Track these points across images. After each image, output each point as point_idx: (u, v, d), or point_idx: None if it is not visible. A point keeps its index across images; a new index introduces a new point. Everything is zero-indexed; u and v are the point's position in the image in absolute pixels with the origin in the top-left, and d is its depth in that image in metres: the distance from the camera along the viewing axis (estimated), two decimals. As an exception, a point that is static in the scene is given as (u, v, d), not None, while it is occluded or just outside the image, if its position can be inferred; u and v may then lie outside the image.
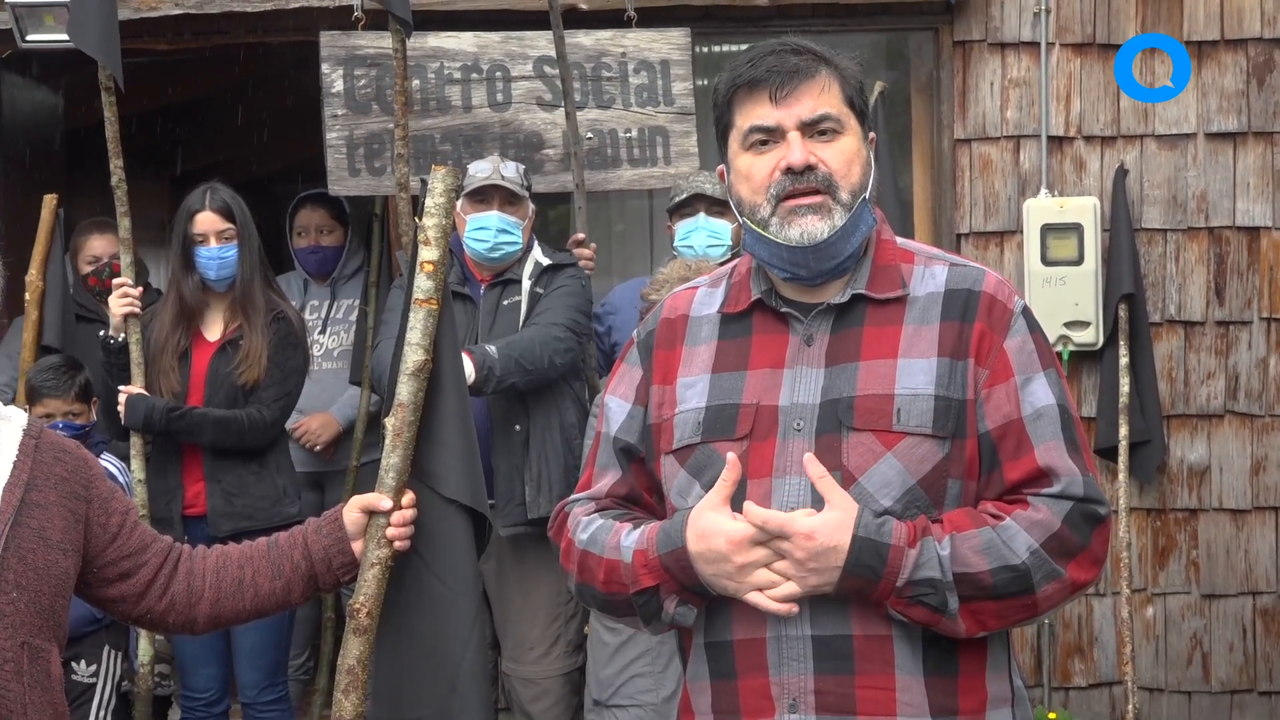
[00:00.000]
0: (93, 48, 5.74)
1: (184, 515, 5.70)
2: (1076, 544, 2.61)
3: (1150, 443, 6.67)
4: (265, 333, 5.77)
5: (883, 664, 2.63)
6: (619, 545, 2.77)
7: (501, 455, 5.58)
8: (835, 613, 2.63)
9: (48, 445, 3.14)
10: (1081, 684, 6.89)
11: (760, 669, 2.68)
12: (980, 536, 2.58)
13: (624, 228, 7.57)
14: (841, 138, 2.74)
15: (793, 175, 2.70)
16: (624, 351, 3.02)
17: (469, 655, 3.46)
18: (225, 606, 3.33)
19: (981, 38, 6.92)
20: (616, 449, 2.93)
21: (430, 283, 3.41)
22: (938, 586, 2.56)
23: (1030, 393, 2.67)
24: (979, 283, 2.75)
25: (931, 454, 2.65)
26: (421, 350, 3.40)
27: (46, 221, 6.20)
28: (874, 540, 2.55)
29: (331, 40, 6.55)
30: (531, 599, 5.66)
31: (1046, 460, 2.64)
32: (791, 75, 2.71)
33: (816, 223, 2.68)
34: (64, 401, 5.88)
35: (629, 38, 6.61)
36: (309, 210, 7.21)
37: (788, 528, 2.56)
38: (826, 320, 2.75)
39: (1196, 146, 6.83)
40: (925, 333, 2.71)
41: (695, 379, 2.82)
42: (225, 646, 5.90)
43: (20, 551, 2.96)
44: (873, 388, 2.67)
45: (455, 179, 3.45)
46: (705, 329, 2.87)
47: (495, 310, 5.72)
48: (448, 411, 3.47)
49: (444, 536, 3.47)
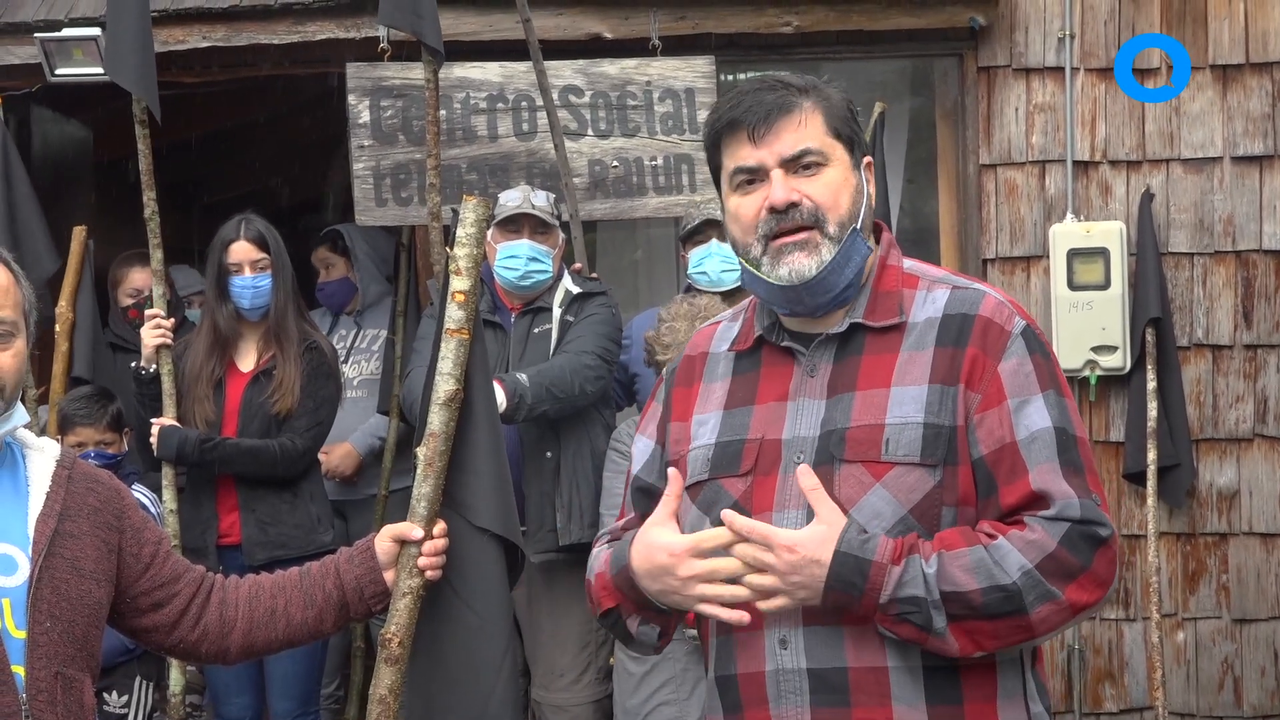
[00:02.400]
0: (130, 82, 5.80)
1: (218, 545, 5.73)
2: (1076, 565, 2.57)
3: (1179, 467, 6.65)
4: (298, 362, 5.81)
5: (879, 696, 2.61)
6: (591, 568, 2.84)
7: (532, 482, 5.60)
8: (830, 645, 2.63)
9: (80, 476, 3.14)
10: (1113, 710, 6.86)
11: (761, 703, 2.68)
12: (970, 555, 2.56)
13: (649, 255, 7.62)
14: (826, 170, 2.73)
15: (777, 214, 2.70)
16: (655, 389, 3.06)
17: (500, 685, 3.47)
18: (258, 636, 3.34)
19: (1006, 63, 6.93)
20: (634, 489, 2.98)
21: (462, 312, 3.41)
22: (921, 605, 2.54)
23: (1025, 416, 2.64)
24: (975, 306, 2.72)
25: (922, 482, 2.63)
26: (453, 380, 3.40)
27: (76, 253, 6.25)
28: (856, 556, 2.54)
29: (358, 71, 6.62)
30: (562, 626, 5.67)
31: (1040, 484, 2.60)
32: (769, 113, 2.71)
33: (804, 259, 2.69)
34: (96, 430, 5.94)
35: (654, 66, 6.67)
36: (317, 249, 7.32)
37: (770, 539, 2.56)
38: (829, 350, 2.76)
39: (1223, 170, 6.82)
40: (919, 359, 2.69)
41: (709, 415, 2.83)
42: (258, 675, 5.92)
43: (54, 582, 2.96)
44: (865, 418, 2.66)
45: (486, 209, 3.46)
46: (721, 365, 2.89)
47: (526, 338, 5.74)
48: (480, 440, 3.47)
49: (476, 565, 3.46)
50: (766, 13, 6.81)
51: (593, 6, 6.82)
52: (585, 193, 6.50)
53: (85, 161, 8.69)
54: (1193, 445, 6.76)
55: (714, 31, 6.86)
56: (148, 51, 5.86)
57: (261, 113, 9.97)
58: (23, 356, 3.04)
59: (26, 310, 3.07)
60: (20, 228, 6.41)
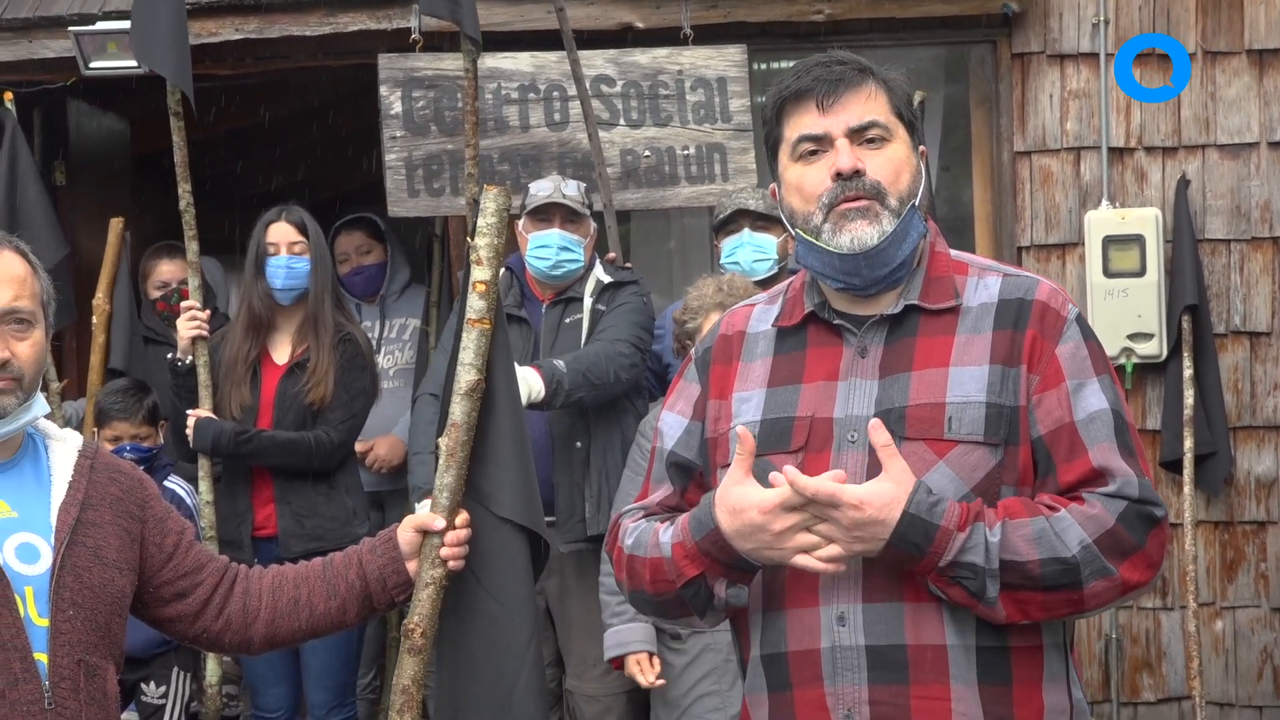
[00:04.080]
0: (165, 67, 5.83)
1: (254, 537, 5.76)
2: (1131, 544, 2.58)
3: (1216, 455, 6.62)
4: (333, 354, 5.81)
5: (937, 674, 2.61)
6: (658, 543, 2.77)
7: (562, 472, 5.60)
8: (889, 623, 2.62)
9: (103, 466, 3.16)
10: (1150, 699, 6.84)
11: (815, 680, 2.67)
12: (1033, 525, 2.56)
13: (683, 245, 7.62)
14: (889, 145, 2.75)
15: (842, 181, 2.69)
16: (682, 368, 3.02)
17: (525, 673, 3.45)
18: (281, 626, 3.34)
19: (1040, 49, 6.91)
20: (669, 464, 2.93)
21: (483, 302, 3.39)
22: (978, 572, 2.54)
23: (1083, 397, 2.65)
24: (1032, 291, 2.74)
25: (984, 461, 2.64)
26: (474, 370, 3.38)
27: (113, 245, 6.27)
28: (923, 519, 2.53)
29: (390, 62, 6.63)
30: (594, 616, 5.62)
31: (1101, 461, 2.62)
32: (838, 83, 2.72)
33: (866, 227, 2.68)
34: (132, 424, 5.97)
35: (686, 55, 6.67)
36: (345, 236, 7.24)
37: (838, 497, 2.52)
38: (880, 332, 2.75)
39: (1260, 156, 6.79)
40: (978, 342, 2.70)
41: (751, 393, 2.81)
42: (294, 666, 5.95)
43: (76, 570, 2.98)
44: (925, 397, 2.66)
45: (507, 199, 3.42)
46: (761, 344, 2.87)
47: (557, 328, 5.73)
48: (502, 430, 3.45)
49: (499, 556, 3.45)
50: (798, 2, 6.80)
51: (625, -4, 6.83)
52: (618, 182, 6.50)
53: (123, 155, 8.74)
54: (1230, 433, 6.73)
55: (746, 20, 6.85)
56: (182, 39, 5.87)
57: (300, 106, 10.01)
58: (41, 346, 3.06)
59: (45, 301, 3.09)
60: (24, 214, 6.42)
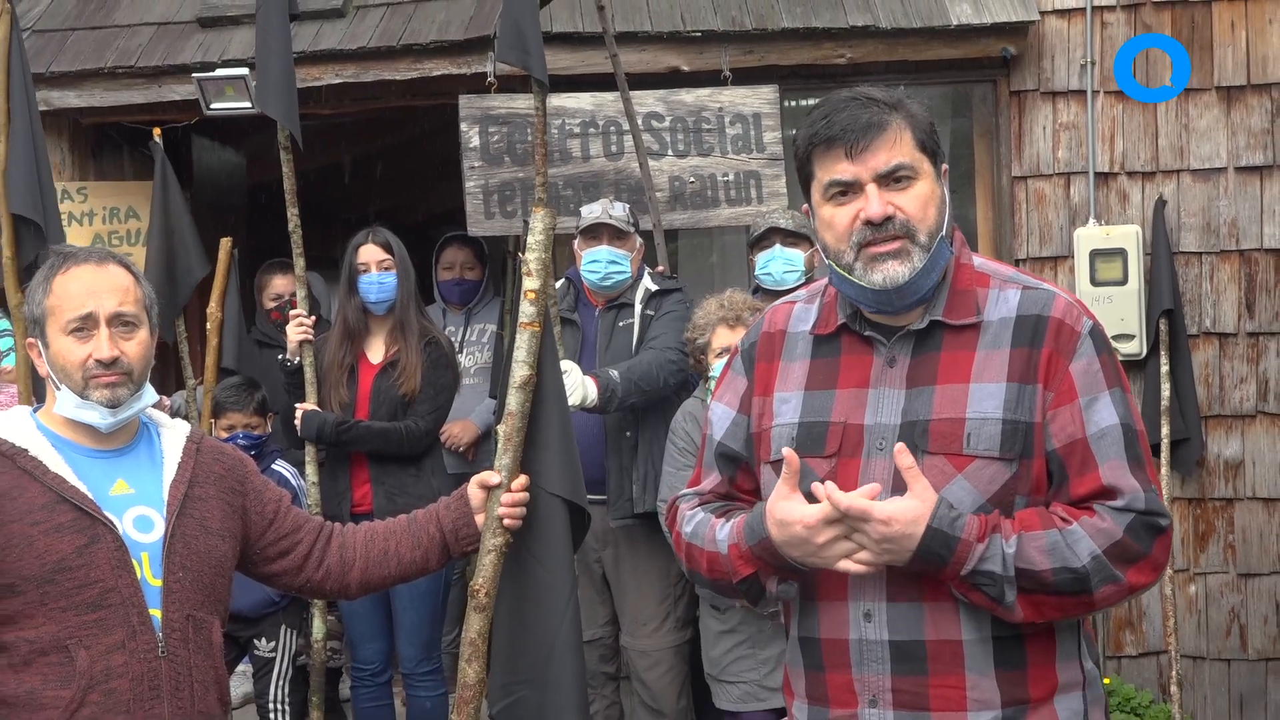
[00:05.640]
0: (276, 113, 5.83)
1: (352, 513, 5.74)
2: (1138, 552, 2.49)
3: (1190, 440, 6.59)
4: (420, 353, 5.81)
5: (954, 665, 2.55)
6: (715, 539, 2.71)
7: (613, 458, 5.61)
8: (911, 620, 2.56)
9: (208, 449, 3.24)
10: (1132, 653, 6.80)
11: (844, 666, 2.62)
12: (1046, 538, 2.46)
13: (723, 259, 7.59)
14: (916, 183, 2.59)
15: (872, 226, 2.56)
16: (730, 359, 2.92)
17: (564, 628, 3.48)
18: (374, 574, 3.42)
19: (1035, 87, 6.88)
20: (718, 454, 2.85)
21: (533, 308, 3.43)
22: (996, 580, 2.45)
23: (1095, 412, 2.53)
24: (1048, 307, 2.59)
25: (999, 474, 2.53)
26: (527, 366, 3.43)
27: (223, 262, 6.31)
28: (946, 533, 2.44)
29: (469, 102, 6.64)
30: (644, 581, 5.65)
31: (1110, 479, 2.50)
32: (865, 131, 2.56)
33: (897, 267, 2.56)
34: (244, 415, 6.00)
35: (725, 94, 6.65)
36: (455, 249, 7.23)
37: (869, 513, 2.43)
38: (907, 344, 2.63)
39: (1227, 179, 6.73)
40: (996, 358, 2.57)
41: (790, 394, 2.72)
42: (388, 625, 5.95)
43: (185, 538, 3.05)
44: (946, 412, 2.55)
45: (552, 219, 3.48)
46: (800, 346, 2.76)
47: (611, 331, 5.75)
48: (550, 418, 3.49)
49: (546, 525, 3.49)
50: (823, 47, 6.78)
51: (671, 43, 6.80)
52: (666, 205, 6.48)
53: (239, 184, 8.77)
54: (1202, 421, 6.70)
55: (777, 63, 6.83)
56: (291, 87, 5.87)
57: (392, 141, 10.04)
58: (146, 344, 3.12)
59: (147, 305, 3.14)
60: (177, 240, 6.47)
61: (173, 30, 7.34)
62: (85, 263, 3.08)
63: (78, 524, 2.93)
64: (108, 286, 3.06)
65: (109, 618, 2.91)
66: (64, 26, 7.45)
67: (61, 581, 2.89)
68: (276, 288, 7.22)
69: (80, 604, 2.90)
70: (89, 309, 3.03)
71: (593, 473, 5.59)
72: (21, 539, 2.89)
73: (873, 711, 2.59)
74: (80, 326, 3.03)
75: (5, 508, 2.91)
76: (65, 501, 2.95)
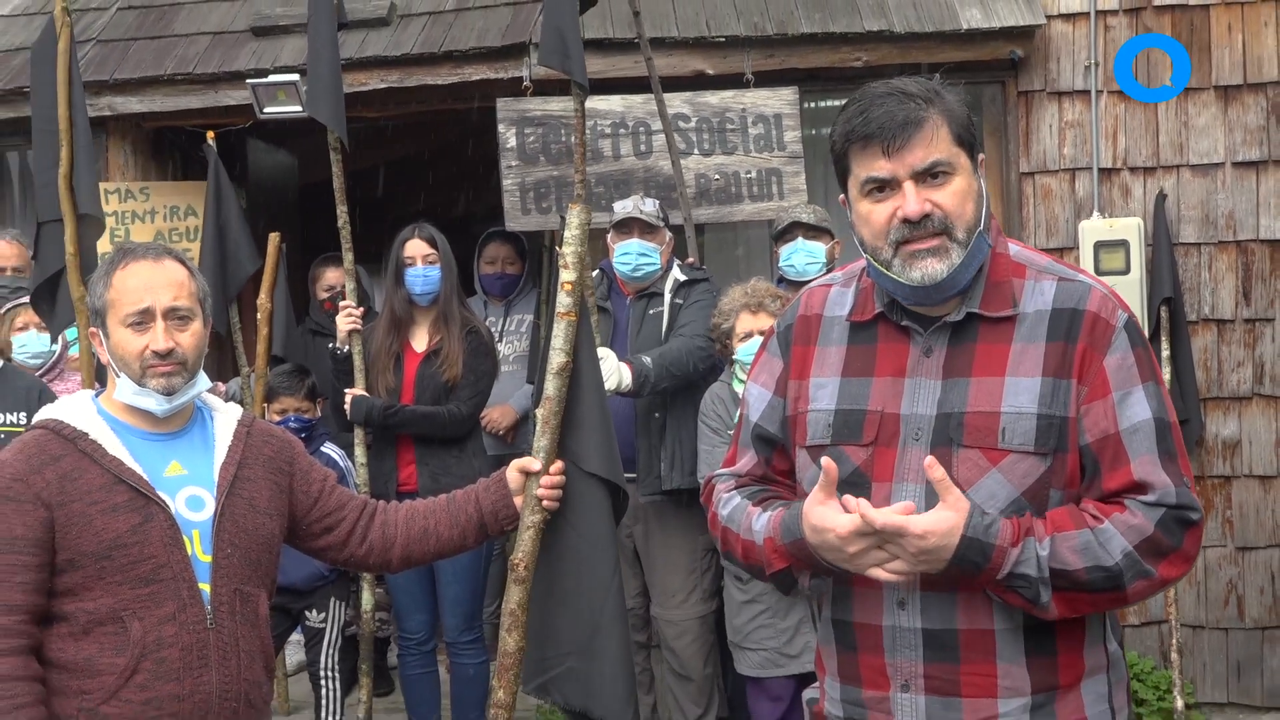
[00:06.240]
0: (325, 117, 5.86)
1: (398, 491, 5.75)
2: (1169, 545, 2.39)
3: (1189, 421, 6.53)
4: (461, 341, 5.82)
5: (985, 653, 2.46)
6: (751, 528, 2.61)
7: (643, 437, 5.62)
8: (943, 609, 2.47)
9: (258, 432, 3.26)
10: (1135, 623, 6.75)
11: (877, 650, 2.53)
12: (1079, 538, 2.36)
13: (743, 251, 7.58)
14: (954, 179, 2.44)
15: (910, 224, 2.43)
16: (765, 340, 2.79)
17: (609, 600, 3.47)
18: (414, 550, 3.43)
19: (1041, 88, 6.85)
20: (754, 435, 2.74)
21: (569, 299, 3.44)
22: (1031, 582, 2.36)
23: (1128, 407, 2.41)
24: (1084, 301, 2.46)
25: (1034, 469, 2.42)
26: (563, 353, 3.44)
27: (272, 256, 6.33)
28: (980, 540, 2.33)
29: (506, 105, 6.64)
30: (672, 555, 5.66)
31: (1142, 474, 2.39)
32: (902, 128, 2.41)
33: (936, 264, 2.43)
34: (296, 400, 6.03)
35: (748, 96, 6.64)
36: (497, 245, 7.23)
37: (905, 529, 2.32)
38: (944, 334, 2.51)
39: (1225, 174, 6.69)
40: (1031, 351, 2.45)
41: (826, 380, 2.60)
42: (432, 597, 5.96)
43: (234, 516, 3.07)
44: (981, 405, 2.43)
45: (587, 215, 3.47)
46: (836, 331, 2.63)
47: (642, 318, 5.77)
48: (587, 402, 3.49)
49: (584, 502, 3.48)
50: (840, 51, 6.76)
51: (698, 49, 6.79)
52: (692, 201, 6.47)
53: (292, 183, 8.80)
54: (1201, 403, 6.66)
55: (797, 66, 6.81)
56: (338, 92, 5.90)
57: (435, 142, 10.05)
58: (200, 335, 3.13)
59: (201, 298, 3.16)
60: (228, 237, 6.50)
61: (228, 39, 7.37)
62: (143, 259, 3.10)
63: (133, 504, 2.96)
64: (164, 282, 3.08)
65: (161, 591, 2.94)
66: (126, 36, 7.49)
67: (117, 557, 2.92)
68: (328, 280, 7.27)
69: (134, 578, 2.93)
70: (146, 304, 3.05)
71: (623, 452, 5.56)
72: (81, 518, 2.92)
73: (905, 696, 2.51)
74: (138, 320, 3.06)
75: (67, 488, 2.94)
76: (122, 483, 2.97)
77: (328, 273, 7.30)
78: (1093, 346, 2.44)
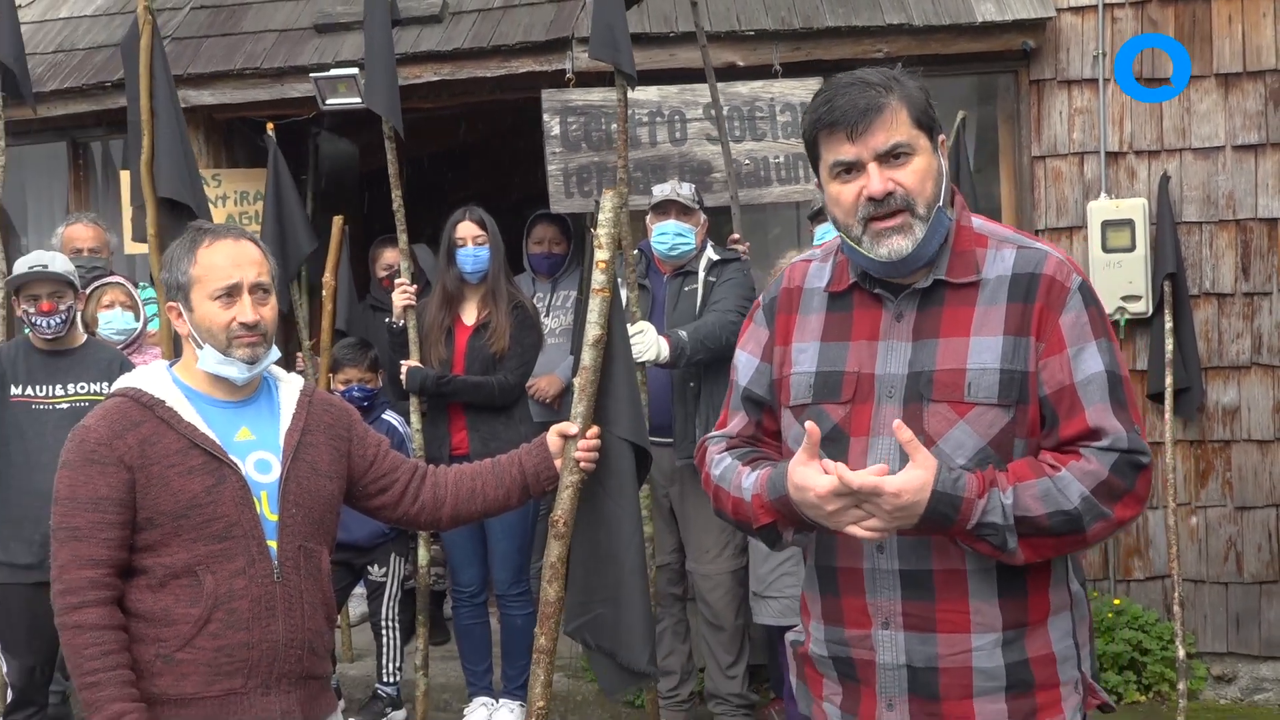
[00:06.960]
0: (381, 108, 5.88)
1: (451, 455, 5.78)
2: (1122, 488, 2.42)
3: (1191, 389, 6.51)
4: (509, 316, 5.86)
5: (959, 592, 2.49)
6: (740, 486, 2.64)
7: (679, 404, 5.63)
8: (919, 551, 2.51)
9: (319, 401, 3.28)
10: (1140, 577, 6.74)
11: (859, 592, 2.57)
12: (1039, 486, 2.40)
13: (779, 231, 7.56)
14: (914, 159, 2.49)
15: (875, 202, 2.48)
16: (751, 312, 2.83)
17: (631, 555, 3.50)
18: (463, 509, 3.45)
19: (1052, 76, 6.80)
20: (744, 398, 2.77)
21: (604, 276, 3.44)
22: (999, 530, 2.39)
23: (1081, 361, 2.45)
24: (1041, 265, 2.51)
25: (998, 419, 2.45)
26: (598, 327, 3.44)
27: (336, 238, 6.35)
28: (949, 494, 2.37)
29: (550, 96, 6.63)
30: (704, 514, 5.62)
31: (1096, 421, 2.43)
32: (864, 114, 2.45)
33: (901, 241, 2.48)
34: (359, 371, 6.07)
35: (776, 86, 6.61)
36: (545, 225, 7.22)
37: (880, 488, 2.35)
38: (913, 300, 2.55)
39: (1225, 157, 6.64)
40: (993, 313, 2.49)
41: (807, 345, 2.65)
42: (483, 552, 6.00)
43: (298, 479, 3.09)
44: (948, 363, 2.48)
45: (621, 199, 3.47)
46: (815, 300, 2.68)
47: (678, 295, 5.76)
48: (618, 372, 3.50)
49: (615, 464, 3.49)
50: (863, 42, 6.73)
51: (729, 42, 6.77)
52: (723, 184, 6.46)
53: (354, 169, 8.82)
54: (1202, 372, 6.62)
55: (823, 58, 6.77)
56: (393, 84, 5.91)
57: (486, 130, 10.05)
58: (275, 309, 3.17)
59: (274, 276, 3.19)
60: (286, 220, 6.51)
61: (292, 36, 7.39)
62: (225, 238, 3.12)
63: (207, 466, 2.98)
64: (248, 259, 3.11)
65: (232, 547, 2.97)
66: (198, 34, 7.53)
67: (193, 516, 2.95)
68: (387, 259, 7.33)
69: (208, 535, 2.95)
70: (235, 279, 3.07)
71: (661, 418, 5.61)
72: (159, 479, 2.95)
73: (885, 633, 2.55)
74: (226, 293, 3.07)
75: (147, 452, 2.97)
76: (197, 447, 2.99)
77: (385, 252, 7.35)
78: (1049, 306, 2.48)
